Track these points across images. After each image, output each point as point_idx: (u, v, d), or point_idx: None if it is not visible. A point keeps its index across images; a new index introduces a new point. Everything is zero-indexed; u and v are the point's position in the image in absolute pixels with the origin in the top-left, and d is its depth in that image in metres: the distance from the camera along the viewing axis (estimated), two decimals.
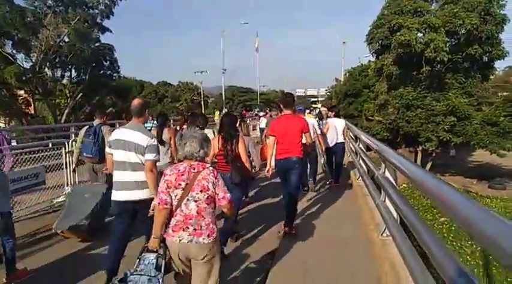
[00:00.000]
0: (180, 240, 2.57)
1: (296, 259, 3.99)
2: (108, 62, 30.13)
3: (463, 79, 19.83)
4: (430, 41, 17.29)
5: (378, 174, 4.17)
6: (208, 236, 2.58)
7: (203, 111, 51.45)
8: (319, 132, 7.01)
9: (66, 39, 24.96)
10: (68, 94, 26.86)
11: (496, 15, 17.78)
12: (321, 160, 8.01)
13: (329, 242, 4.46)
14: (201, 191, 2.59)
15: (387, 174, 3.95)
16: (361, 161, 6.93)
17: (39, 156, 6.43)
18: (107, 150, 3.76)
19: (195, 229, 2.58)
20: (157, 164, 3.66)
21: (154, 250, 2.70)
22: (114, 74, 30.54)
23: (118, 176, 3.58)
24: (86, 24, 24.99)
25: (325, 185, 7.72)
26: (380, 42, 19.60)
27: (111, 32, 29.93)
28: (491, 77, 23.05)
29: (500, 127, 17.69)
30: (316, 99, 79.82)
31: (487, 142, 17.84)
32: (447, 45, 17.79)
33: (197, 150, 2.67)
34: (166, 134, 5.50)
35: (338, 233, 4.79)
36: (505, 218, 1.37)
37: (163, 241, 2.68)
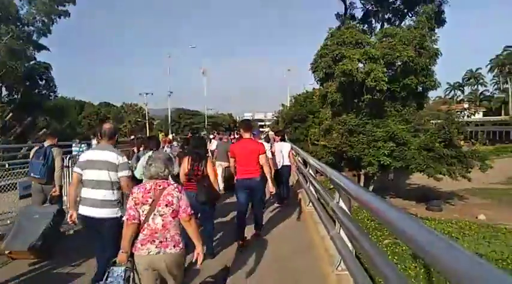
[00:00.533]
0: (148, 252, 2.85)
1: None
2: (44, 81, 28.59)
3: (401, 108, 21.06)
4: (370, 71, 18.21)
5: (332, 204, 4.06)
6: (174, 246, 2.89)
7: (147, 133, 50.17)
8: (270, 155, 7.36)
9: None
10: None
11: (429, 49, 19.21)
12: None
13: (279, 278, 4.32)
14: (166, 205, 2.90)
15: (341, 204, 3.86)
16: (311, 187, 6.91)
17: None
18: (75, 169, 4.04)
19: (161, 242, 2.87)
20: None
21: (123, 263, 2.90)
22: (50, 94, 28.92)
23: (86, 193, 3.89)
24: (20, 41, 23.50)
25: (275, 206, 8.13)
26: (324, 70, 20.34)
27: (48, 49, 28.55)
28: (425, 106, 24.80)
29: (436, 152, 18.86)
30: (263, 123, 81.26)
31: (424, 166, 18.89)
32: (386, 75, 18.81)
33: (162, 169, 3.02)
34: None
35: (289, 266, 4.66)
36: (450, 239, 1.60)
37: (131, 255, 2.92)
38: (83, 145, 10.27)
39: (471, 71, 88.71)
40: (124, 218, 3.02)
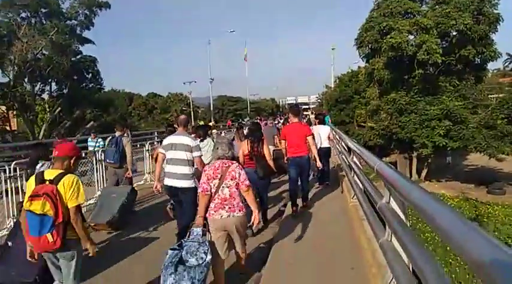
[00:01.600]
0: (221, 216, 3.61)
1: None
2: (90, 75, 29.18)
3: (457, 82, 19.16)
4: (422, 43, 16.57)
5: (381, 204, 3.25)
6: (239, 211, 3.64)
7: (192, 122, 50.62)
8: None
9: (45, 52, 23.96)
10: (48, 109, 25.76)
11: (489, 15, 17.14)
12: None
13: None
14: (231, 179, 3.66)
15: (393, 204, 2.97)
16: (355, 178, 5.88)
17: None
18: (160, 150, 5.06)
19: (230, 208, 3.62)
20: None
21: (200, 226, 3.59)
22: (97, 86, 29.54)
23: (169, 169, 4.85)
24: (65, 36, 23.95)
25: (318, 188, 8.35)
26: (370, 45, 18.87)
27: (93, 43, 29.04)
28: (484, 79, 22.44)
29: (498, 130, 16.94)
30: (307, 106, 79.51)
31: (485, 146, 17.05)
32: (440, 47, 17.09)
33: (227, 151, 3.82)
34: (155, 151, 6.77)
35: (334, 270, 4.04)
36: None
37: (205, 219, 3.65)
38: (99, 139, 10.74)
39: None
40: (199, 190, 3.79)
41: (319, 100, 59.74)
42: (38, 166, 4.56)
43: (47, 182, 2.92)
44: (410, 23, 17.33)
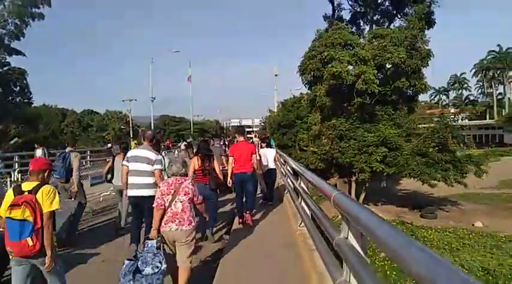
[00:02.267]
0: (170, 229, 4.06)
1: None
2: (18, 88, 27.03)
3: (392, 112, 20.22)
4: (360, 73, 17.33)
5: (338, 239, 2.95)
6: (189, 224, 4.11)
7: (131, 141, 48.56)
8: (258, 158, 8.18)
9: None
10: None
11: (421, 50, 18.45)
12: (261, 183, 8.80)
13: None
14: (184, 194, 4.17)
15: (352, 240, 2.74)
16: (303, 204, 5.70)
17: None
18: (124, 162, 5.63)
19: (179, 221, 4.07)
20: (119, 184, 6.24)
21: (154, 238, 3.99)
22: (25, 100, 27.35)
23: (132, 179, 5.38)
24: None
25: (263, 206, 8.80)
26: (312, 73, 19.42)
27: (23, 55, 27.02)
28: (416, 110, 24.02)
29: (430, 157, 18.01)
30: (251, 129, 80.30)
31: (418, 172, 18.01)
32: (377, 78, 17.99)
33: (180, 169, 4.35)
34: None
35: None
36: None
37: (159, 231, 4.08)
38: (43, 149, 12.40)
39: (456, 75, 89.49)
40: (154, 205, 4.18)
41: (262, 124, 60.57)
42: None
43: (26, 193, 3.33)
44: (350, 54, 18.12)
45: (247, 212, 7.13)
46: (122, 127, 65.87)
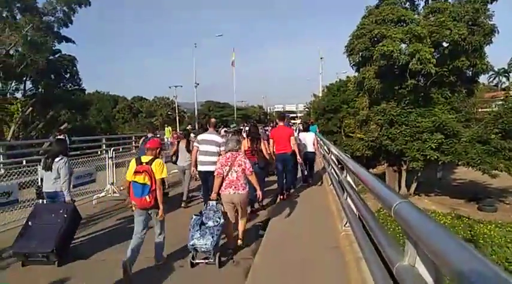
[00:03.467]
0: (229, 193, 5.05)
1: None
2: (68, 74, 27.78)
3: (449, 94, 18.49)
4: (415, 52, 15.83)
5: (400, 266, 1.92)
6: (243, 189, 5.08)
7: (178, 127, 49.28)
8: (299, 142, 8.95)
9: (18, 49, 22.53)
10: (20, 109, 24.24)
11: (484, 26, 16.52)
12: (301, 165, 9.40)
13: None
14: (238, 166, 5.08)
15: (420, 269, 1.72)
16: (349, 201, 4.70)
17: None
18: (195, 144, 6.77)
19: (235, 187, 5.05)
20: (183, 165, 7.94)
21: (215, 199, 5.01)
22: (75, 87, 28.12)
23: (202, 158, 6.53)
24: (40, 32, 22.54)
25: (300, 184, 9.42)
26: (361, 53, 18.08)
27: (73, 42, 27.66)
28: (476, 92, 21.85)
29: (492, 145, 16.20)
30: (295, 115, 78.99)
31: (479, 161, 16.30)
32: (433, 57, 16.37)
33: (235, 146, 5.29)
34: (191, 145, 7.89)
35: None
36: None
37: (219, 194, 5.08)
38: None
39: None
40: (215, 173, 5.12)
41: (307, 109, 59.14)
42: (56, 159, 5.33)
43: (144, 164, 4.44)
44: (403, 31, 16.61)
45: (287, 188, 7.92)
46: (169, 113, 67.12)
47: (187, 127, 22.96)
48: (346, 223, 5.12)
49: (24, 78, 24.80)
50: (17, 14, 22.62)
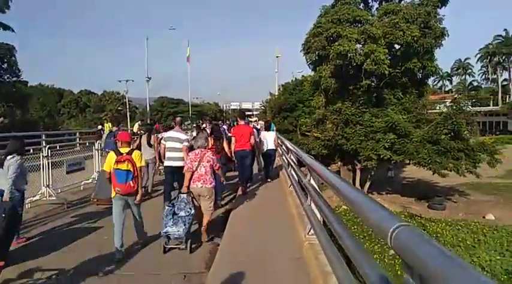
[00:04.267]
0: (196, 186, 5.61)
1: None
2: (6, 65, 25.49)
3: (401, 95, 18.91)
4: (370, 53, 15.93)
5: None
6: (210, 184, 5.67)
7: (129, 123, 47.20)
8: (258, 140, 9.79)
9: None
10: None
11: (435, 29, 16.96)
12: (260, 162, 11.03)
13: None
14: (207, 161, 5.70)
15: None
16: (313, 207, 4.52)
17: None
18: (162, 141, 7.51)
19: (203, 181, 5.62)
20: (145, 158, 6.78)
21: (186, 192, 5.55)
22: (13, 79, 25.84)
23: (169, 154, 7.22)
24: None
25: (259, 180, 10.18)
26: (317, 52, 17.96)
27: (11, 30, 25.38)
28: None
29: (442, 145, 16.70)
30: (251, 113, 78.77)
31: (429, 161, 16.73)
32: (387, 58, 16.57)
33: (204, 143, 5.95)
34: (152, 139, 9.06)
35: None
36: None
37: (188, 187, 5.61)
38: None
39: (460, 60, 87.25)
40: (184, 168, 5.82)
41: (262, 107, 59.16)
42: (9, 157, 5.37)
43: (125, 154, 5.15)
44: (359, 31, 16.69)
45: (246, 182, 8.69)
46: (119, 108, 64.42)
47: (138, 123, 21.99)
48: (309, 231, 4.77)
49: None
50: None
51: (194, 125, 15.57)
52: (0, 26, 24.40)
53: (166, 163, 7.27)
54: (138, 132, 14.38)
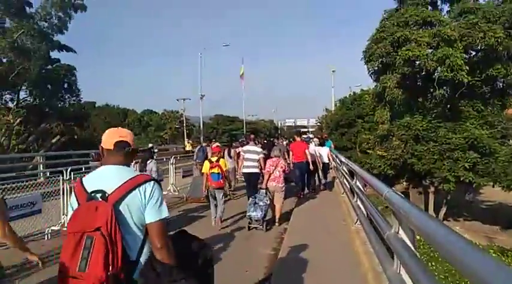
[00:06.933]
0: (272, 184, 7.41)
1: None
2: (66, 85, 26.29)
3: (481, 107, 16.24)
4: (445, 57, 13.72)
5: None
6: (282, 183, 7.47)
7: (185, 140, 47.68)
8: (318, 154, 11.35)
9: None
10: (12, 120, 22.62)
11: None
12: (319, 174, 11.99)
13: None
14: (280, 167, 7.47)
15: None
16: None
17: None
18: (241, 153, 9.33)
19: (277, 181, 7.42)
20: (228, 166, 8.89)
21: (265, 188, 7.41)
22: (73, 98, 26.60)
23: (247, 163, 8.63)
24: (32, 39, 21.08)
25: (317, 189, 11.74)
26: (381, 60, 15.97)
27: (73, 51, 26.29)
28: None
29: None
30: (306, 130, 76.92)
31: None
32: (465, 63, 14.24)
33: (278, 153, 7.74)
34: (232, 152, 11.68)
35: None
36: None
37: (266, 186, 7.42)
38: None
39: None
40: (264, 171, 7.67)
41: (318, 124, 57.07)
42: (148, 162, 7.60)
43: (215, 162, 7.23)
44: (430, 33, 14.56)
45: (303, 190, 10.47)
46: (176, 126, 65.88)
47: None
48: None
49: (18, 88, 23.36)
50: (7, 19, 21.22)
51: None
52: (62, 47, 25.32)
53: (245, 170, 8.76)
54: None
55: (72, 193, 1.98)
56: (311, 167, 10.26)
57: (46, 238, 6.58)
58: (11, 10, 20.74)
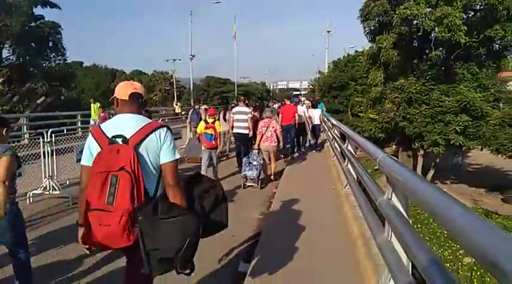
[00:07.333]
0: (265, 144, 7.81)
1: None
2: (51, 43, 25.30)
3: (476, 70, 16.01)
4: (443, 17, 13.30)
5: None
6: (274, 143, 7.85)
7: (175, 102, 47.06)
8: (307, 115, 11.68)
9: None
10: None
11: None
12: (308, 135, 12.35)
13: None
14: (272, 127, 7.83)
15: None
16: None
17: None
18: (231, 115, 9.33)
19: (269, 141, 7.79)
20: (222, 129, 9.30)
21: (257, 149, 7.80)
22: (58, 58, 25.69)
23: (237, 124, 8.93)
24: None
25: (308, 150, 12.15)
26: (377, 18, 15.46)
27: (58, 7, 25.07)
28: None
29: None
30: (298, 92, 76.22)
31: (510, 148, 14.00)
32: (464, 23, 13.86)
33: (270, 114, 8.25)
34: (227, 115, 10.66)
35: None
36: None
37: (258, 146, 7.82)
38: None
39: None
40: (257, 132, 7.95)
41: (311, 86, 56.46)
42: None
43: (210, 123, 7.44)
44: None
45: (292, 153, 10.74)
46: (166, 87, 64.77)
47: (178, 104, 21.95)
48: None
49: (0, 46, 22.43)
50: None
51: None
52: (46, 4, 24.14)
53: (235, 130, 9.08)
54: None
55: (91, 137, 2.18)
56: (297, 127, 10.63)
57: (28, 202, 6.36)
58: None
